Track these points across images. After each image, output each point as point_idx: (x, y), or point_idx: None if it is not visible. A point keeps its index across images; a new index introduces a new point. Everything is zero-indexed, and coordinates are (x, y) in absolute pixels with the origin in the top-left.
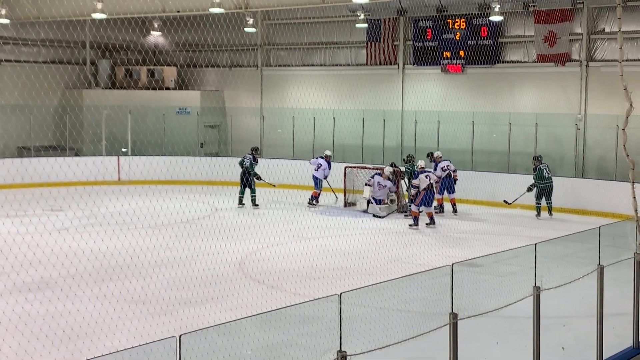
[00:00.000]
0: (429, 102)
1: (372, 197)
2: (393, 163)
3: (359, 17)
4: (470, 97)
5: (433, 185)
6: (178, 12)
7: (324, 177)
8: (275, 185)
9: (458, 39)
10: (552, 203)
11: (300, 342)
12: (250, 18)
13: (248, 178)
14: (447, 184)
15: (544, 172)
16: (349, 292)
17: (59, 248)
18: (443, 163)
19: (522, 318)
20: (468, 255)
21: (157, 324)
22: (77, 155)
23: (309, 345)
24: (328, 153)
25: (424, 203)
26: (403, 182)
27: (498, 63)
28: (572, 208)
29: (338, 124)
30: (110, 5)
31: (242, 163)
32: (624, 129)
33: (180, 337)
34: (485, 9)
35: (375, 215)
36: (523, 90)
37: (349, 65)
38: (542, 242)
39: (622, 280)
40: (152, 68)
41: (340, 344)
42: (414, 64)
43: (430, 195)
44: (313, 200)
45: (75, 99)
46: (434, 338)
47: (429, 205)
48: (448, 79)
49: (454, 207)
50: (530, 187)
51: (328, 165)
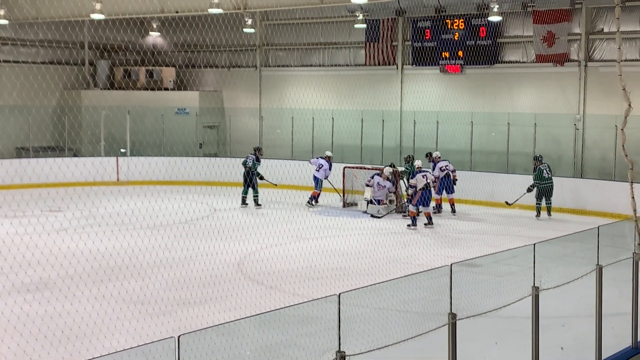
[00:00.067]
0: (428, 102)
1: (372, 197)
2: (392, 164)
3: (358, 17)
4: (469, 97)
5: (430, 185)
6: (177, 12)
7: (325, 177)
8: (277, 185)
9: (457, 39)
10: (551, 203)
11: (299, 342)
12: (249, 18)
13: (251, 178)
14: (446, 184)
15: (544, 172)
16: (348, 292)
17: (58, 249)
18: (442, 163)
19: (520, 318)
20: (467, 256)
21: (156, 325)
22: (75, 156)
23: (308, 346)
24: (329, 153)
25: (422, 203)
26: (402, 182)
27: (497, 63)
28: (571, 208)
29: (337, 125)
30: (109, 6)
31: (245, 163)
32: (623, 129)
33: (179, 337)
34: (484, 9)
35: (373, 216)
36: (522, 91)
37: (348, 66)
38: (540, 242)
39: (620, 280)
40: (150, 69)
41: (339, 344)
42: (413, 65)
43: (428, 195)
44: (312, 201)
45: (74, 100)
46: (433, 338)
47: (427, 205)
48: (447, 79)
49: (453, 207)
50: (530, 187)
51: (329, 166)
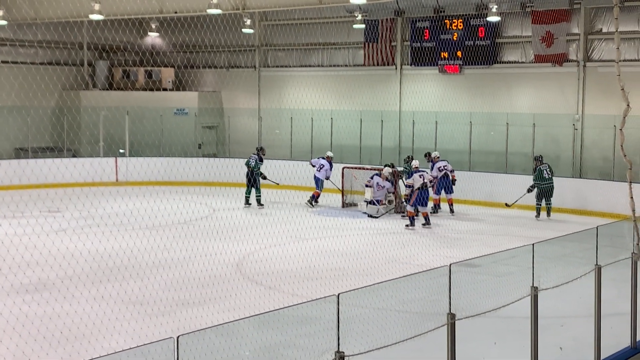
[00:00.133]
0: (427, 102)
1: (372, 198)
2: (392, 163)
3: (357, 17)
4: (468, 97)
5: (427, 185)
6: (175, 13)
7: (326, 177)
8: (279, 184)
9: (455, 40)
10: (551, 204)
11: (298, 342)
12: (248, 19)
13: (254, 178)
14: (444, 184)
15: (544, 172)
16: (347, 292)
17: (57, 249)
18: (440, 163)
19: (519, 318)
20: (466, 256)
21: (154, 325)
22: (74, 157)
23: (307, 346)
24: (330, 154)
25: (419, 202)
26: (401, 182)
27: (495, 63)
28: (569, 208)
29: (336, 125)
30: (108, 7)
31: (247, 163)
32: (622, 129)
33: (178, 338)
34: (483, 10)
35: (370, 215)
36: (520, 91)
37: (347, 66)
38: (539, 242)
39: (619, 280)
40: (149, 69)
41: (338, 345)
42: (412, 65)
43: (425, 195)
44: (313, 201)
45: (73, 100)
46: (432, 338)
47: (424, 205)
48: (446, 80)
49: (451, 207)
50: (530, 188)
51: (330, 166)
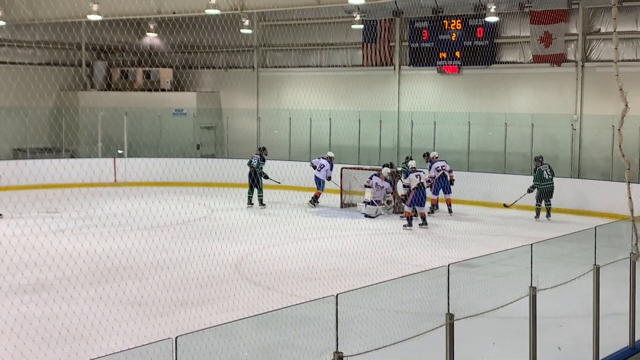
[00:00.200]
0: (425, 103)
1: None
2: (390, 163)
3: (355, 18)
4: (466, 97)
5: (424, 185)
6: (174, 13)
7: (328, 177)
8: (280, 183)
9: (454, 40)
10: (551, 205)
11: (297, 343)
12: (246, 19)
13: (257, 178)
14: (442, 184)
15: (544, 173)
16: (346, 293)
17: (55, 250)
18: (438, 163)
19: (518, 318)
20: (464, 256)
21: (153, 326)
22: (72, 157)
23: (306, 347)
24: (330, 154)
25: (416, 202)
26: (400, 182)
27: (494, 64)
28: (568, 208)
29: (334, 125)
30: (106, 7)
31: (250, 163)
32: (620, 129)
33: (177, 338)
34: (481, 10)
35: (367, 215)
36: (519, 91)
37: (345, 67)
38: (538, 242)
39: (618, 280)
40: (147, 69)
41: (337, 345)
42: (410, 65)
43: (422, 195)
44: (314, 201)
45: (71, 101)
46: (431, 339)
47: (422, 205)
48: (444, 80)
49: (450, 207)
50: (531, 188)
51: (330, 166)
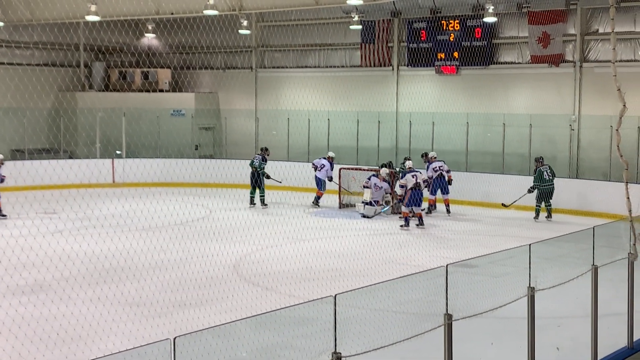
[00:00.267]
0: (424, 103)
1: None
2: (389, 162)
3: (353, 18)
4: (465, 98)
5: (420, 185)
6: (172, 14)
7: (329, 178)
8: (282, 182)
9: (452, 41)
10: (551, 206)
11: (295, 343)
12: (245, 20)
13: (259, 178)
14: (440, 185)
15: (545, 174)
16: (344, 293)
17: (53, 251)
18: (436, 164)
19: (516, 319)
20: (462, 256)
21: (151, 327)
22: (71, 158)
23: (304, 347)
24: (331, 154)
25: (413, 203)
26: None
27: (492, 64)
28: (566, 209)
29: (333, 126)
30: (104, 8)
31: (252, 164)
32: (618, 130)
33: (175, 339)
34: (479, 10)
35: (364, 215)
36: (517, 92)
37: (344, 67)
38: (536, 242)
39: (616, 281)
40: (146, 70)
41: (335, 346)
42: (408, 66)
43: (418, 195)
44: (318, 201)
45: (69, 102)
46: (429, 339)
47: (418, 205)
48: (442, 80)
49: (448, 208)
50: (531, 188)
51: (330, 166)
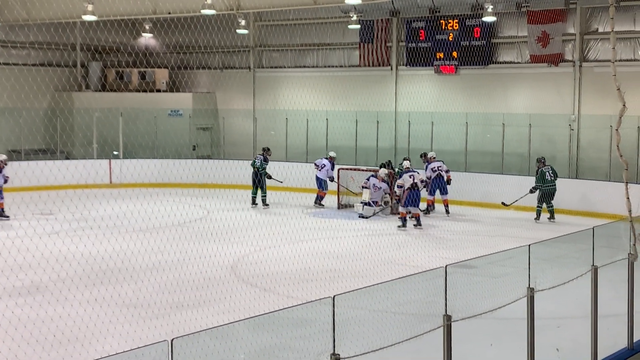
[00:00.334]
0: (423, 103)
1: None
2: (389, 161)
3: (352, 18)
4: (464, 98)
5: (418, 185)
6: (169, 13)
7: (330, 178)
8: (283, 182)
9: (451, 40)
10: (553, 207)
11: (294, 345)
12: (242, 19)
13: (260, 179)
14: (438, 185)
15: (547, 174)
16: (343, 294)
17: (50, 252)
18: (434, 164)
19: (516, 319)
20: (462, 257)
21: (149, 328)
22: (67, 159)
23: (303, 349)
24: (332, 154)
25: (410, 203)
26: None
27: (491, 64)
28: (566, 209)
29: (331, 126)
30: (101, 7)
31: (253, 164)
32: (617, 130)
33: (172, 341)
34: (478, 10)
35: (361, 215)
36: (516, 91)
37: (342, 67)
38: (535, 243)
39: (616, 281)
40: (143, 70)
41: (334, 347)
42: (407, 65)
43: (415, 195)
44: (321, 201)
45: (66, 102)
46: (428, 340)
47: (416, 206)
48: (441, 80)
49: (447, 208)
50: (532, 189)
51: (331, 166)
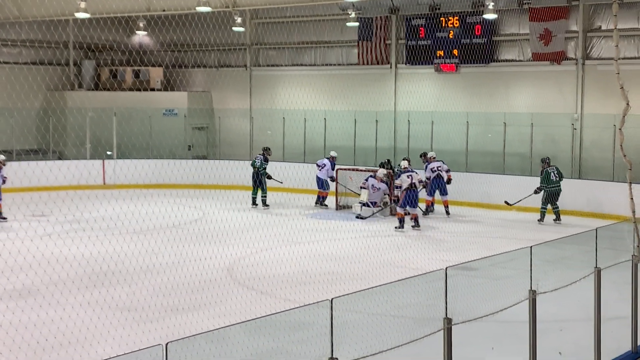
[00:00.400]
0: (422, 102)
1: (368, 200)
2: (388, 160)
3: (350, 15)
4: (465, 97)
5: (416, 185)
6: (164, 11)
7: (329, 177)
8: (283, 183)
9: (451, 38)
10: (558, 208)
11: (291, 349)
12: (239, 17)
13: (260, 179)
14: (438, 185)
15: (552, 175)
16: (341, 297)
17: (42, 254)
18: (434, 164)
19: (517, 322)
20: (462, 259)
21: (143, 332)
22: (60, 159)
23: (300, 353)
24: (333, 154)
25: (408, 203)
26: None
27: (492, 62)
28: (568, 210)
29: (329, 125)
30: (94, 5)
31: (253, 164)
32: (621, 129)
33: (167, 345)
34: (479, 7)
35: (358, 216)
36: (518, 90)
37: (340, 65)
38: (537, 244)
39: (620, 283)
40: (137, 69)
41: (332, 351)
42: (407, 64)
43: (413, 196)
44: (323, 201)
45: (58, 101)
46: (428, 344)
47: (414, 206)
48: (442, 79)
49: (447, 209)
50: (537, 189)
51: (331, 166)
